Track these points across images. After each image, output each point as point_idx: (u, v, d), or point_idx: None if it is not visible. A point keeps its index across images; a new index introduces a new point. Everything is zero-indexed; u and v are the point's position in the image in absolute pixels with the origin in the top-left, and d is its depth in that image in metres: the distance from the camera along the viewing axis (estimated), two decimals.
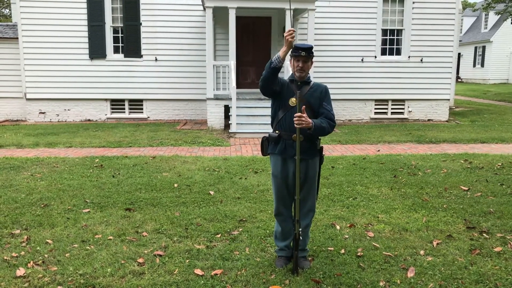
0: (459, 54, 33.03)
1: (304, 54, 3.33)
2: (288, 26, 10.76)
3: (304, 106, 3.26)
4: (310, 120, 3.27)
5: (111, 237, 4.18)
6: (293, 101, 3.39)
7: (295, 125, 3.26)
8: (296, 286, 3.30)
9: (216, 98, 10.97)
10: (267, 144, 3.55)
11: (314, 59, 3.54)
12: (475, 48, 34.81)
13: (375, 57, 12.80)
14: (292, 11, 10.73)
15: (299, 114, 3.23)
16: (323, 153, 3.58)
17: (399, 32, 12.92)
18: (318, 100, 3.45)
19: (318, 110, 3.45)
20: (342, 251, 3.90)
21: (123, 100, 12.79)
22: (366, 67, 12.79)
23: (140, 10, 12.32)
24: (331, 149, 8.63)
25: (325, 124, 3.37)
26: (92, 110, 12.71)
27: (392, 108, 13.18)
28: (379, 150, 8.49)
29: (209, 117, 11.07)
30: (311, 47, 3.39)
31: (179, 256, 3.79)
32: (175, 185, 5.94)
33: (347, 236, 4.24)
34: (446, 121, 13.04)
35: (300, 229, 3.44)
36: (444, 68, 13.00)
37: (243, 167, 7.00)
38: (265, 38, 12.89)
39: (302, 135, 3.35)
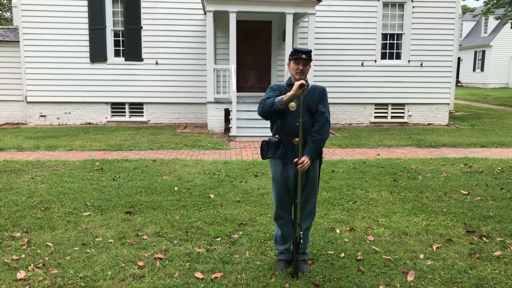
0: (459, 58, 33.10)
1: (305, 57, 3.36)
2: (288, 31, 10.79)
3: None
4: (308, 159, 3.33)
5: (111, 240, 4.19)
6: (292, 105, 3.40)
7: (299, 170, 3.33)
8: None
9: (217, 101, 10.99)
10: (267, 148, 3.56)
11: (314, 62, 3.59)
12: (475, 52, 34.87)
13: (375, 61, 12.83)
14: (292, 15, 10.81)
15: (301, 161, 3.31)
16: (322, 156, 3.60)
17: (399, 36, 12.96)
18: (316, 103, 3.46)
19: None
20: (342, 254, 3.91)
21: (123, 104, 12.82)
22: (366, 71, 12.81)
23: (141, 13, 12.36)
24: (331, 152, 8.64)
25: (316, 138, 3.37)
26: (93, 113, 12.73)
27: (392, 112, 13.20)
28: (379, 154, 8.50)
29: (209, 121, 11.09)
30: (311, 51, 3.44)
31: (179, 259, 3.80)
32: (176, 188, 5.94)
33: (347, 240, 4.24)
34: (446, 125, 13.05)
35: (301, 232, 3.45)
36: (444, 72, 13.03)
37: (243, 170, 7.01)
38: (265, 42, 12.92)
39: (304, 139, 3.38)
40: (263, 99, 3.45)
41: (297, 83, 3.23)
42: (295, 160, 3.36)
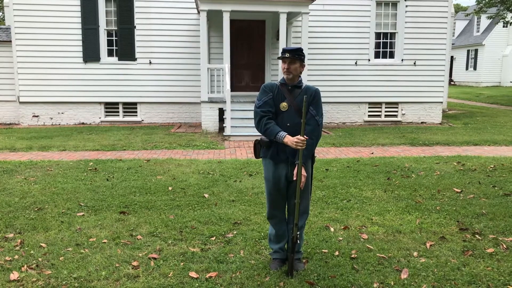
0: (452, 57, 33.28)
1: (288, 56, 3.34)
2: (282, 30, 10.79)
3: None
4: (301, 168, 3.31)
5: (105, 241, 4.18)
6: (283, 105, 3.40)
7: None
8: None
9: (211, 101, 10.98)
10: (259, 147, 3.56)
11: (308, 61, 3.53)
12: (468, 51, 35.09)
13: (369, 60, 12.87)
14: (286, 15, 10.82)
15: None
16: (315, 155, 3.61)
17: (393, 35, 13.01)
18: (308, 105, 3.41)
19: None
20: (336, 253, 3.92)
21: (117, 103, 12.77)
22: (359, 70, 12.85)
23: (134, 13, 12.31)
24: (325, 151, 8.66)
25: (306, 143, 3.33)
26: (86, 113, 12.67)
27: (385, 111, 13.25)
28: (372, 153, 8.53)
29: (203, 120, 11.07)
30: (298, 49, 3.38)
31: (173, 259, 3.79)
32: (170, 188, 5.93)
33: (341, 238, 4.26)
34: (439, 123, 13.12)
35: (298, 233, 3.45)
36: (437, 71, 13.10)
37: (238, 170, 7.01)
38: (259, 41, 12.93)
39: None
40: (256, 107, 3.45)
41: (293, 143, 3.24)
42: (294, 178, 3.36)
